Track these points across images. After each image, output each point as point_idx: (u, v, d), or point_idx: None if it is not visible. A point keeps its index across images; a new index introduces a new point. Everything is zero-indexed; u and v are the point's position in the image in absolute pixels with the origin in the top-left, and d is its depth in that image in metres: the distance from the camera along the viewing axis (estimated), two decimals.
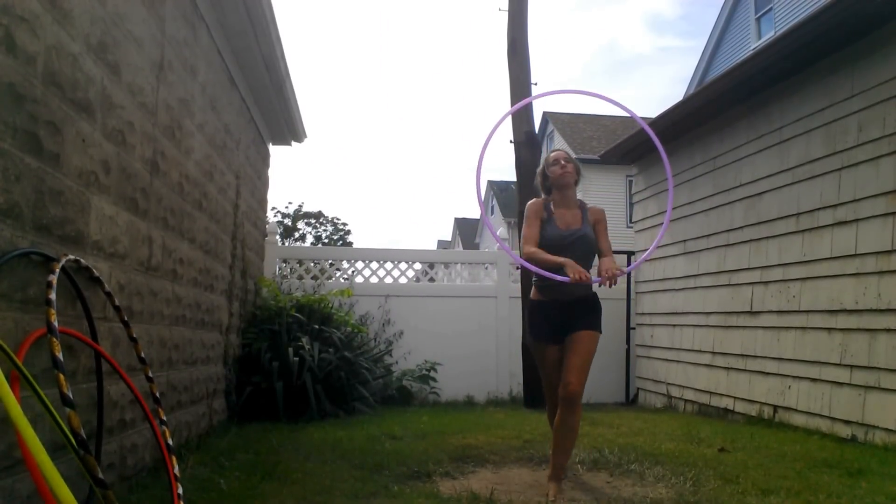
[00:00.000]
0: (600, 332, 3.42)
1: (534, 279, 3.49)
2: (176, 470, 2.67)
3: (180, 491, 2.58)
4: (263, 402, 5.79)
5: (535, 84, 7.97)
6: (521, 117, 7.79)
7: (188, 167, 4.02)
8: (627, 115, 3.89)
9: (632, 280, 8.69)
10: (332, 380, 6.18)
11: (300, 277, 8.27)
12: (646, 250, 8.20)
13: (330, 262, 8.82)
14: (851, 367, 4.82)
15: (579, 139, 21.37)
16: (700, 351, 6.90)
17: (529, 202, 3.55)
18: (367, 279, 8.58)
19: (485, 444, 4.47)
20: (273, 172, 7.52)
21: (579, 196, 3.64)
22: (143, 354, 2.99)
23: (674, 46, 72.09)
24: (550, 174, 3.52)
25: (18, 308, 2.10)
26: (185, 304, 4.06)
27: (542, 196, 3.62)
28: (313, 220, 29.57)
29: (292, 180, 57.56)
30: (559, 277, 3.17)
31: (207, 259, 4.61)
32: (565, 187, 3.50)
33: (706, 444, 4.59)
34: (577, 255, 3.29)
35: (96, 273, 2.62)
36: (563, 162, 3.51)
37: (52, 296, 2.10)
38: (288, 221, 28.11)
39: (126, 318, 2.87)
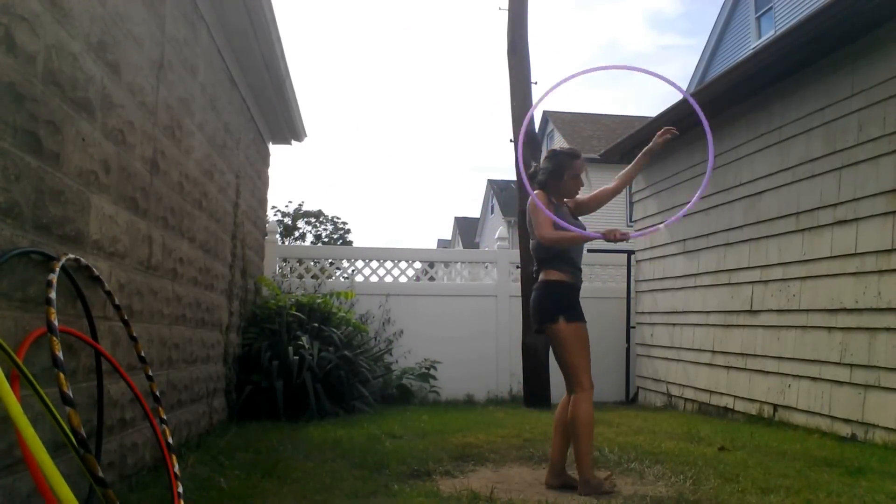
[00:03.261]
0: None
1: (560, 262, 3.48)
2: (176, 469, 2.67)
3: (180, 490, 2.58)
4: (263, 401, 5.80)
5: (535, 84, 7.96)
6: (521, 117, 7.79)
7: (188, 166, 4.02)
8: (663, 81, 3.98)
9: (632, 279, 8.69)
10: (332, 379, 6.19)
11: (300, 276, 8.28)
12: (646, 249, 8.21)
13: (330, 261, 8.83)
14: (851, 365, 4.82)
15: (579, 138, 21.37)
16: (700, 350, 6.90)
17: (536, 193, 3.54)
18: (367, 278, 8.59)
19: (485, 442, 4.47)
20: (273, 171, 7.54)
21: (582, 191, 3.72)
22: (143, 353, 3.00)
23: (675, 45, 72.09)
24: (577, 187, 3.64)
25: (18, 307, 2.10)
26: (185, 303, 4.06)
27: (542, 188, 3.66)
28: (313, 220, 29.61)
29: (292, 179, 57.58)
30: (594, 234, 3.31)
31: (207, 258, 4.61)
32: (569, 198, 3.67)
33: (706, 443, 4.60)
34: (583, 247, 3.60)
35: (96, 272, 2.62)
36: (582, 181, 3.66)
37: (53, 295, 2.11)
38: (288, 220, 28.14)
39: (126, 317, 2.88)
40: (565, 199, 3.66)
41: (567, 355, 3.38)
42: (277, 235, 9.03)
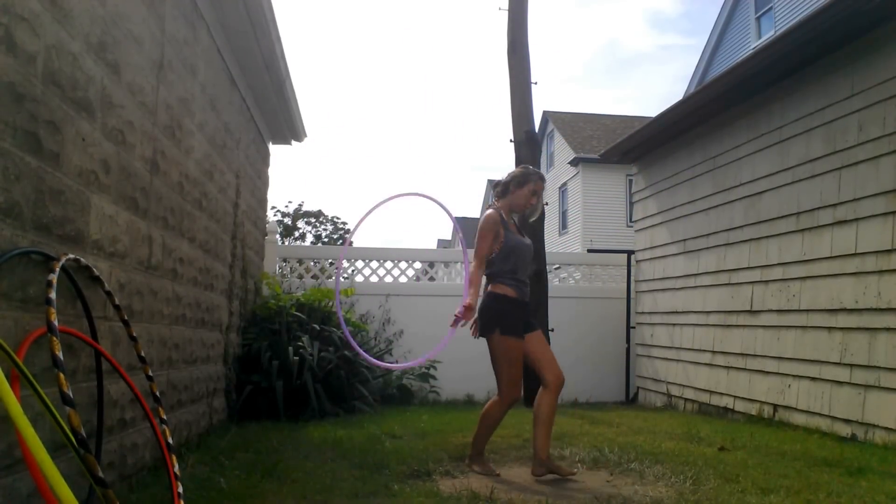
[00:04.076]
0: None
1: (507, 278, 3.74)
2: (176, 469, 2.67)
3: (180, 490, 2.58)
4: (263, 402, 5.80)
5: (536, 83, 7.96)
6: (522, 117, 7.79)
7: (188, 166, 4.02)
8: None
9: (632, 279, 8.69)
10: (332, 379, 6.19)
11: (300, 276, 8.28)
12: (646, 249, 8.21)
13: (330, 261, 8.82)
14: (851, 366, 4.82)
15: (579, 138, 21.36)
16: (700, 350, 6.90)
17: (488, 213, 3.83)
18: (367, 278, 8.59)
19: None
20: (273, 171, 7.54)
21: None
22: (143, 353, 2.99)
23: (675, 44, 72.13)
24: (528, 203, 3.89)
25: (18, 307, 2.10)
26: (185, 303, 4.06)
27: (498, 198, 3.93)
28: (313, 220, 29.61)
29: (292, 179, 57.60)
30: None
31: (207, 258, 4.61)
32: (519, 212, 3.96)
33: (706, 443, 4.60)
34: (529, 261, 3.87)
35: (96, 272, 2.62)
36: (535, 200, 3.93)
37: (52, 295, 2.11)
38: (288, 220, 28.14)
39: (126, 318, 2.88)
40: (513, 215, 3.95)
41: (495, 365, 3.76)
42: (277, 235, 9.02)
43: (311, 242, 28.58)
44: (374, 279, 8.60)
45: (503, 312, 3.70)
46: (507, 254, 3.74)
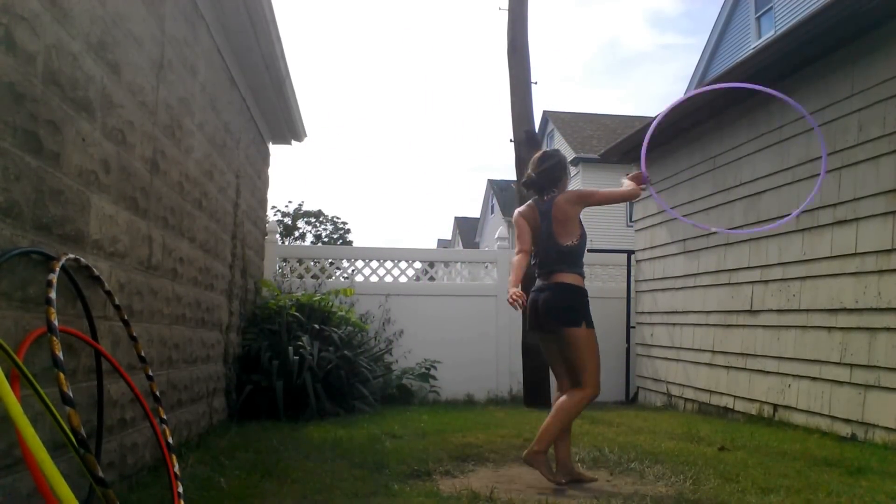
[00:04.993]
0: None
1: (581, 268, 3.69)
2: (176, 468, 2.67)
3: (180, 489, 2.58)
4: (263, 401, 5.80)
5: (536, 83, 7.97)
6: (522, 117, 7.79)
7: (188, 166, 4.02)
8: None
9: (632, 279, 8.69)
10: (332, 379, 6.18)
11: (300, 276, 8.28)
12: (646, 249, 8.21)
13: (330, 260, 8.82)
14: (851, 365, 4.82)
15: (579, 138, 21.36)
16: (700, 350, 6.90)
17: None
18: (367, 278, 8.59)
19: (485, 442, 4.47)
20: (273, 171, 7.54)
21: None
22: (143, 353, 3.00)
23: (675, 44, 72.19)
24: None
25: (18, 307, 2.10)
26: (185, 302, 4.06)
27: (554, 187, 3.74)
28: (313, 219, 29.64)
29: (292, 179, 57.64)
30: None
31: (207, 258, 4.61)
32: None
33: (706, 443, 4.60)
34: None
35: (96, 272, 2.62)
36: None
37: (53, 295, 2.11)
38: (288, 220, 28.16)
39: (126, 317, 2.88)
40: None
41: (580, 358, 3.55)
42: (277, 235, 9.03)
43: (311, 242, 28.61)
44: (373, 279, 8.60)
45: (587, 305, 3.62)
46: (585, 242, 3.70)
